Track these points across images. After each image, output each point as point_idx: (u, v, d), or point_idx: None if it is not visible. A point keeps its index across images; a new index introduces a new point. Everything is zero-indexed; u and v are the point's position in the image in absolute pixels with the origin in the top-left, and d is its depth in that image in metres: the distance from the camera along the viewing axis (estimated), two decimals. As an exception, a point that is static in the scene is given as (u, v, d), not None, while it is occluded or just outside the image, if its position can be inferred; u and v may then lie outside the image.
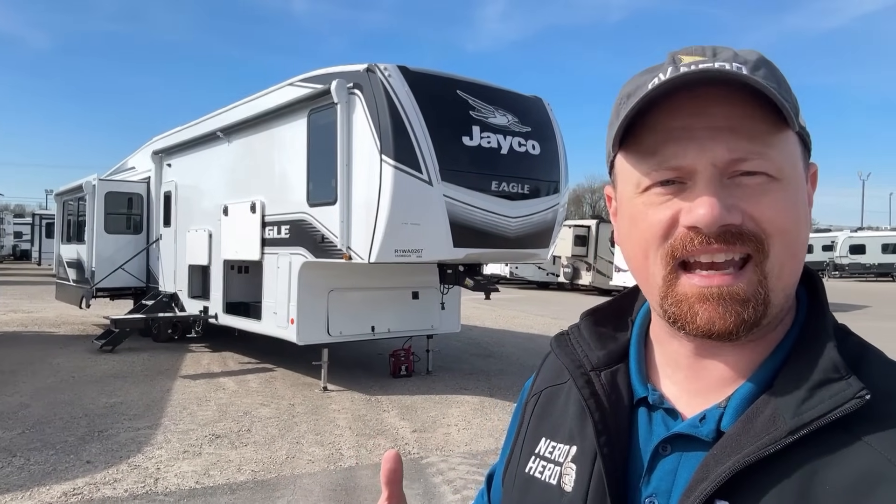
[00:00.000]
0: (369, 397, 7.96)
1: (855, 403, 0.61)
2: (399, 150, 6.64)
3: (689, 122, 0.65)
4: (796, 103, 0.69)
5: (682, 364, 0.74)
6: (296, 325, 8.01)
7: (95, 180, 12.52)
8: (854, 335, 0.71)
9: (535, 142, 7.57)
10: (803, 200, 0.69)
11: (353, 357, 10.56)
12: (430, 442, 6.22)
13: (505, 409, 7.51)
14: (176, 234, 11.46)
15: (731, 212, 0.64)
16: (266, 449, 5.94)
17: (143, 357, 10.42)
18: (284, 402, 7.66)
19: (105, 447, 5.94)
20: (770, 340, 0.70)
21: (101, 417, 6.92)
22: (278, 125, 8.48)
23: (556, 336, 0.88)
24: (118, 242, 12.65)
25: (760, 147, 0.64)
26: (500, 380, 9.10)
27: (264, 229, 8.71)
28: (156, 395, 7.96)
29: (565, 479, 0.76)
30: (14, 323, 14.29)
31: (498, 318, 17.11)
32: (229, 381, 8.84)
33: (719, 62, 0.65)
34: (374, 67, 6.85)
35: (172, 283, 11.61)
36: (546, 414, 0.86)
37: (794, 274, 0.68)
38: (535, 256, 7.95)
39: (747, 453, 0.62)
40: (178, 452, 5.82)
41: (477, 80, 7.49)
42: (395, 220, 6.67)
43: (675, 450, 0.70)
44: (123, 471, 5.34)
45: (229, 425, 6.68)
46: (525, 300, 23.05)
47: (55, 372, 9.19)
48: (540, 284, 29.72)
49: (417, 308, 8.88)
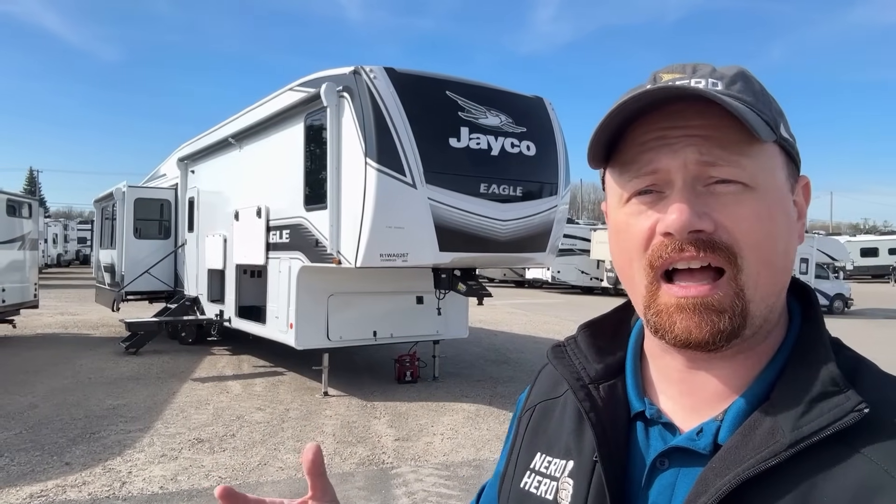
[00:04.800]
0: (366, 403, 7.87)
1: (854, 417, 0.61)
2: (382, 152, 6.53)
3: (664, 133, 0.67)
4: (777, 116, 0.70)
5: (674, 378, 0.74)
6: (295, 329, 8.00)
7: (125, 187, 12.92)
8: (847, 348, 0.72)
9: (531, 142, 7.33)
10: (784, 211, 0.69)
11: (364, 361, 10.52)
12: (409, 451, 6.07)
13: (499, 418, 7.29)
14: (198, 239, 11.69)
15: (701, 218, 0.65)
16: (242, 455, 5.92)
17: (163, 359, 10.65)
18: (280, 407, 7.65)
19: (89, 449, 6.04)
20: (761, 353, 0.71)
21: (100, 419, 7.06)
22: (280, 130, 8.53)
23: (552, 347, 0.87)
24: (148, 247, 13.01)
25: (733, 155, 0.65)
26: (506, 387, 8.87)
27: (269, 234, 8.76)
28: (160, 397, 8.08)
29: (562, 494, 0.76)
30: (56, 325, 14.90)
31: (528, 323, 16.81)
32: (236, 384, 8.92)
33: (696, 79, 0.68)
34: (359, 70, 6.78)
35: (195, 286, 11.85)
36: (541, 428, 0.86)
37: (774, 284, 0.68)
38: (531, 260, 7.70)
39: (747, 467, 0.62)
40: (156, 456, 5.86)
41: (469, 81, 7.31)
42: (379, 223, 6.56)
43: (672, 464, 0.70)
44: (96, 473, 5.40)
45: (217, 429, 6.70)
46: (564, 305, 22.61)
47: (75, 373, 9.48)
48: (584, 290, 29.15)
49: (422, 313, 8.74)
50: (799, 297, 0.76)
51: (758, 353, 0.70)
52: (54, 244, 38.83)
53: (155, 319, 11.32)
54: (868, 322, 19.77)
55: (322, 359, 8.29)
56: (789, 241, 0.69)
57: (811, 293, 0.76)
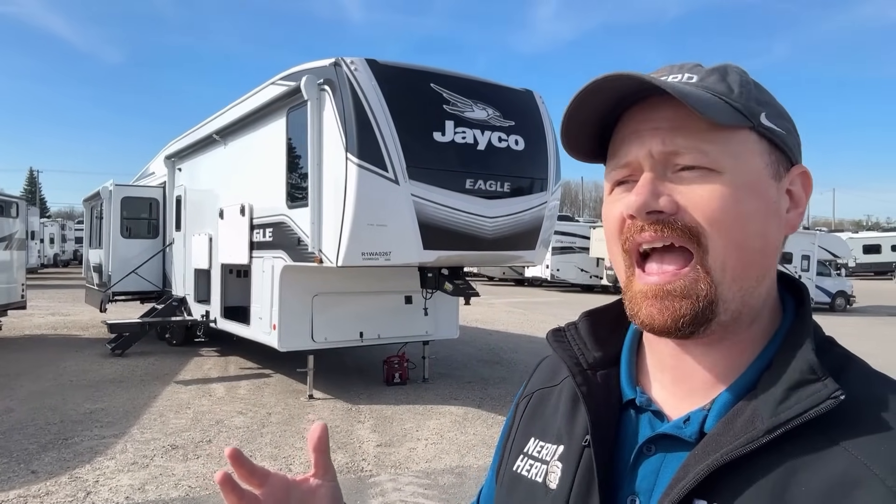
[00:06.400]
0: (351, 407, 7.64)
1: (830, 404, 0.62)
2: (363, 147, 6.28)
3: (638, 126, 0.71)
4: (757, 106, 0.71)
5: (667, 364, 0.76)
6: (278, 330, 7.77)
7: (112, 186, 12.68)
8: (839, 346, 0.73)
9: (520, 137, 7.07)
10: (757, 195, 0.69)
11: (354, 362, 10.29)
12: (390, 458, 5.83)
13: (487, 422, 7.05)
14: (185, 238, 11.46)
15: (658, 198, 0.68)
16: (216, 462, 5.68)
17: (149, 361, 10.42)
18: (262, 412, 7.41)
19: (59, 456, 5.81)
20: (748, 342, 0.72)
21: (75, 424, 6.84)
22: (262, 125, 8.29)
23: (552, 331, 0.89)
24: (136, 247, 12.77)
25: (696, 143, 0.68)
26: (496, 389, 8.62)
27: (252, 232, 8.53)
28: (140, 401, 7.85)
29: (550, 477, 0.78)
30: (46, 326, 14.67)
31: (525, 322, 16.56)
32: (220, 387, 8.69)
33: (674, 74, 0.73)
34: (340, 61, 6.53)
35: (182, 287, 11.62)
36: (536, 414, 0.88)
37: (747, 267, 0.69)
38: (519, 259, 7.42)
39: (724, 452, 0.63)
40: (126, 464, 5.63)
41: (455, 73, 7.05)
42: (360, 220, 6.31)
43: (659, 450, 0.72)
44: (62, 483, 5.17)
45: (194, 435, 6.47)
46: (562, 304, 22.36)
47: (57, 376, 9.25)
48: (584, 288, 28.89)
49: (410, 313, 8.49)
50: (794, 294, 0.77)
51: (744, 342, 0.72)
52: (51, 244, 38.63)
53: (138, 321, 11.08)
54: (871, 320, 19.49)
55: (307, 360, 8.06)
56: (766, 225, 0.70)
57: (803, 288, 0.78)
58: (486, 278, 34.91)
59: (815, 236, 22.42)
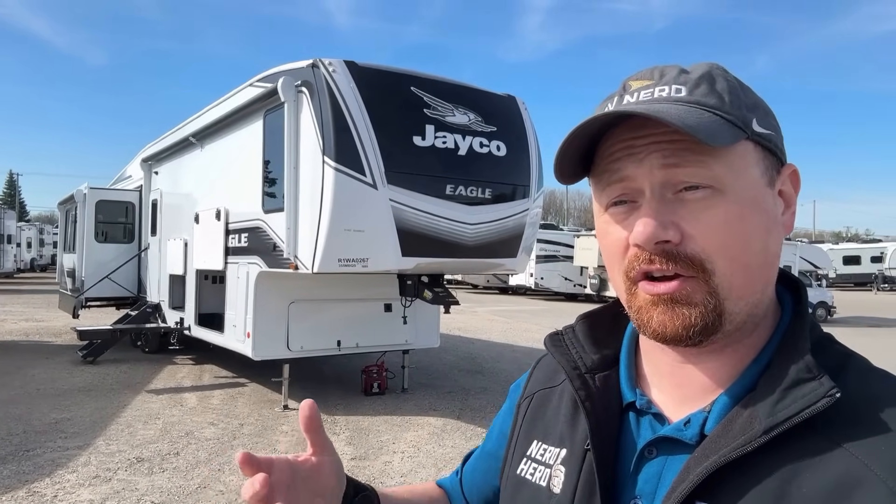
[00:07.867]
0: (326, 418, 7.42)
1: (826, 402, 0.61)
2: (341, 150, 6.11)
3: (630, 143, 0.69)
4: (748, 112, 0.69)
5: (665, 372, 0.76)
6: (252, 338, 7.55)
7: (87, 189, 12.38)
8: (839, 344, 0.73)
9: (501, 142, 6.93)
10: (760, 209, 0.68)
11: (332, 371, 10.06)
12: (364, 472, 5.63)
13: (465, 433, 6.88)
14: (160, 242, 11.19)
15: (666, 228, 0.66)
16: (182, 476, 5.45)
17: (121, 369, 10.13)
18: (234, 422, 7.19)
19: (18, 469, 5.55)
20: (750, 346, 0.71)
21: (39, 435, 6.57)
22: (239, 128, 8.09)
23: (549, 335, 0.89)
24: (110, 252, 12.46)
25: (696, 156, 0.66)
26: (477, 399, 8.45)
27: (228, 237, 8.31)
28: (109, 410, 7.59)
29: (554, 482, 0.78)
30: (19, 332, 14.29)
31: (508, 330, 16.40)
32: (192, 396, 8.43)
33: (661, 86, 0.70)
34: (318, 63, 6.36)
35: (157, 293, 11.35)
36: (538, 416, 0.88)
37: (752, 283, 0.69)
38: (500, 266, 7.28)
39: (723, 454, 0.63)
40: (88, 478, 5.38)
41: (436, 77, 6.91)
42: (337, 226, 6.13)
43: (660, 453, 0.72)
44: (19, 498, 4.92)
45: (161, 447, 6.23)
46: (546, 312, 22.25)
47: (24, 384, 8.94)
48: (567, 296, 28.84)
49: (390, 321, 8.30)
50: (792, 290, 0.76)
51: (746, 346, 0.71)
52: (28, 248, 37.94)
53: (109, 327, 10.78)
54: (852, 330, 19.56)
55: (282, 370, 7.84)
56: (768, 238, 0.69)
57: (801, 287, 0.76)
58: (471, 286, 34.76)
59: (797, 247, 22.53)
